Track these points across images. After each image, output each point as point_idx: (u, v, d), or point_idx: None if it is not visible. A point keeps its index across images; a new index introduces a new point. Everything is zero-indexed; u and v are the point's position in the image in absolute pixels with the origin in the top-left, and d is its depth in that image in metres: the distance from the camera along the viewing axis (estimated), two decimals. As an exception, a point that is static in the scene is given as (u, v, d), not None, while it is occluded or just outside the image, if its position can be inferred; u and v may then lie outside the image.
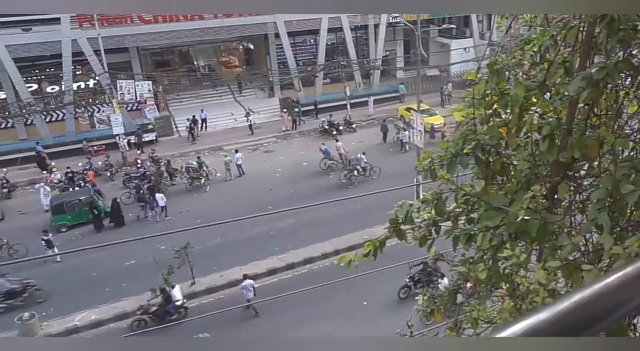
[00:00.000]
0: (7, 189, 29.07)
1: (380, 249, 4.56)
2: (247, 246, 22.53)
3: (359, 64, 41.39)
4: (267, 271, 21.27)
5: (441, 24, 43.35)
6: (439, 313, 4.99)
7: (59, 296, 20.26)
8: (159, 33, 34.37)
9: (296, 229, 23.43)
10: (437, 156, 4.15)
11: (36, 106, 33.94)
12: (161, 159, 30.57)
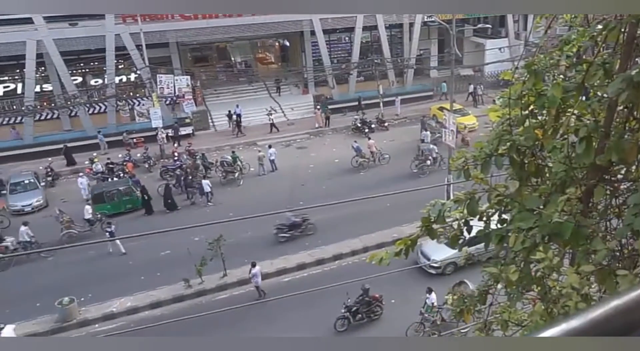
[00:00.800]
0: (52, 178, 29.79)
1: (412, 248, 4.50)
2: (277, 240, 22.63)
3: (392, 62, 41.09)
4: (297, 265, 21.31)
5: (476, 24, 42.68)
6: (469, 313, 4.91)
7: (98, 283, 20.62)
8: (198, 29, 34.71)
9: (327, 226, 23.38)
10: (471, 155, 4.07)
11: (80, 98, 34.67)
12: (197, 152, 30.87)
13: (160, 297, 19.82)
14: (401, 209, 22.72)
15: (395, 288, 18.75)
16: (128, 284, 20.39)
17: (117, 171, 29.45)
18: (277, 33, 41.63)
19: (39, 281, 20.91)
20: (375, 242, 22.24)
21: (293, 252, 22.03)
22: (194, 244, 21.27)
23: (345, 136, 34.55)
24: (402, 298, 19.03)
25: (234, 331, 17.38)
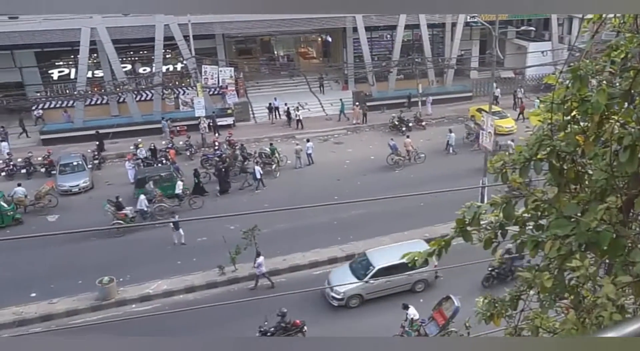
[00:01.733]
0: (99, 162, 30.49)
1: (445, 249, 4.42)
2: (310, 233, 22.59)
3: (433, 61, 40.60)
4: (328, 259, 21.28)
5: (520, 26, 41.78)
6: (499, 317, 4.81)
7: (137, 265, 21.06)
8: (244, 22, 34.90)
9: (359, 221, 23.29)
10: (510, 159, 3.97)
11: (129, 85, 35.37)
12: (237, 142, 31.12)
13: (195, 282, 20.08)
14: (434, 209, 22.51)
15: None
16: (165, 268, 20.76)
17: (160, 157, 29.95)
18: (320, 28, 41.62)
19: (84, 259, 21.44)
20: (407, 240, 21.97)
21: (325, 246, 21.97)
22: (229, 233, 21.48)
23: (382, 134, 34.31)
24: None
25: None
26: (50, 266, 21.11)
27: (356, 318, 18.34)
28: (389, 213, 23.03)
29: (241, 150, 29.94)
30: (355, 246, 22.06)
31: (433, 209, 22.82)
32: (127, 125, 34.28)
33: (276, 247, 21.51)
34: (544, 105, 3.85)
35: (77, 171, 28.13)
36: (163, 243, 22.63)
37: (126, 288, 19.87)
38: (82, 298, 19.34)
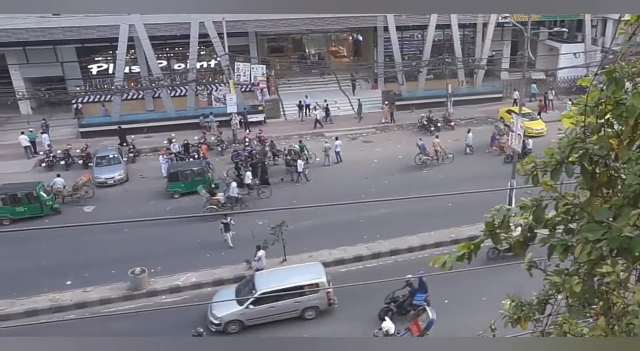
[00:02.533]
0: (134, 155, 30.97)
1: (474, 253, 4.32)
2: (337, 231, 22.53)
3: (463, 62, 40.06)
4: (354, 257, 21.21)
5: (552, 27, 40.96)
6: (526, 321, 4.71)
7: (167, 256, 21.32)
8: (277, 20, 34.98)
9: (386, 220, 23.16)
10: (541, 161, 3.87)
11: (164, 81, 35.79)
12: (267, 139, 31.23)
13: (223, 275, 20.23)
14: (462, 210, 22.26)
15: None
16: (194, 260, 20.98)
17: (192, 152, 30.26)
18: (352, 27, 41.48)
19: (117, 250, 21.79)
20: (433, 241, 21.87)
21: (351, 243, 21.91)
22: (257, 228, 21.66)
23: (410, 133, 34.01)
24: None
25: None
26: (85, 256, 21.51)
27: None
28: (415, 213, 22.84)
29: (271, 147, 30.06)
30: (381, 244, 21.96)
31: (460, 210, 22.57)
32: (161, 120, 34.73)
33: (303, 243, 21.54)
34: (576, 107, 3.75)
35: (112, 164, 28.64)
36: (193, 235, 22.84)
37: (157, 279, 20.15)
38: (114, 288, 19.69)
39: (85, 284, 19.88)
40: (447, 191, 26.15)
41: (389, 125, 35.40)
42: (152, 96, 36.67)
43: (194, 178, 26.59)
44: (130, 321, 17.88)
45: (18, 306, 18.71)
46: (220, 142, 31.69)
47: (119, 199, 26.50)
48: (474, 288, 18.55)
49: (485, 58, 40.41)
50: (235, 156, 29.80)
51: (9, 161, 30.38)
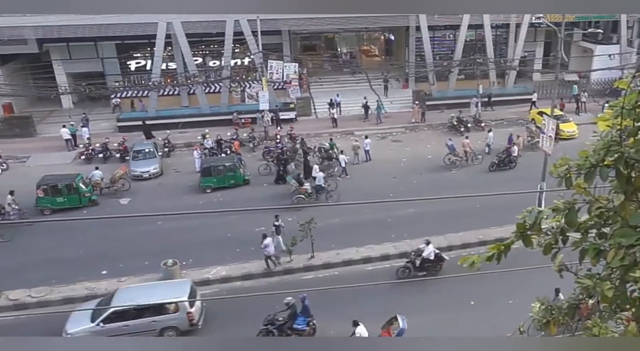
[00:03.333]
0: (168, 149, 31.33)
1: (504, 253, 4.19)
2: (364, 229, 22.37)
3: (495, 62, 39.34)
4: (380, 256, 20.98)
5: (586, 28, 39.90)
6: (555, 325, 4.62)
7: (199, 249, 21.47)
8: (310, 19, 34.86)
9: (414, 220, 22.91)
10: (574, 163, 3.77)
11: (199, 78, 36.09)
12: (298, 136, 31.21)
13: (252, 270, 20.28)
14: (490, 211, 21.92)
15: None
16: (224, 254, 21.04)
17: (224, 148, 30.46)
18: (384, 26, 41.13)
19: (151, 241, 22.04)
20: (461, 242, 21.51)
21: (378, 242, 21.75)
22: (286, 224, 21.66)
23: (440, 133, 33.57)
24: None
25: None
26: (120, 247, 21.86)
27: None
28: (444, 213, 22.56)
29: (301, 144, 30.02)
30: (408, 244, 21.68)
31: (489, 212, 22.23)
32: (195, 116, 35.04)
33: (331, 241, 21.46)
34: (612, 110, 3.61)
35: (148, 158, 29.02)
36: (224, 229, 22.97)
37: (188, 271, 20.25)
38: (147, 279, 19.79)
39: (119, 274, 20.17)
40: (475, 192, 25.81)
41: (418, 125, 35.02)
42: (188, 92, 37.04)
43: (226, 173, 26.76)
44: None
45: (56, 294, 19.09)
46: (252, 139, 31.82)
47: (153, 193, 26.86)
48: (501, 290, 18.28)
49: (517, 59, 39.59)
50: (266, 153, 29.90)
51: (50, 153, 31.11)
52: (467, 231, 22.10)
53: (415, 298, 17.87)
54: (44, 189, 24.64)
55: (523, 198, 20.18)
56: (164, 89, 36.57)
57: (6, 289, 18.91)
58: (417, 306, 17.33)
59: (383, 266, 20.74)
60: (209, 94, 36.48)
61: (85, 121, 33.15)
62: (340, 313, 17.00)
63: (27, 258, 21.08)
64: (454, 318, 16.94)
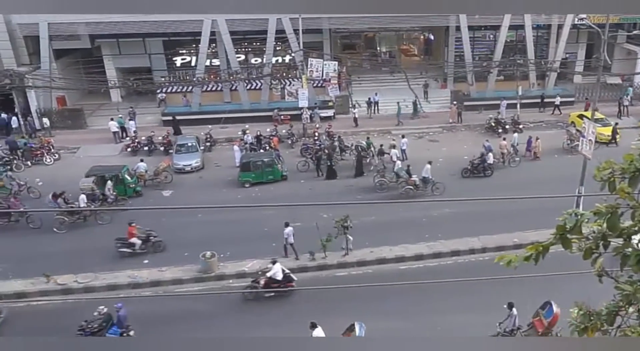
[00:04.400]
0: (210, 144, 31.58)
1: (542, 255, 3.99)
2: (399, 228, 22.06)
3: (535, 64, 38.13)
4: (414, 255, 20.63)
5: (631, 30, 38.28)
6: (593, 331, 4.38)
7: (236, 243, 21.53)
8: (351, 18, 34.50)
9: (448, 220, 22.48)
10: (619, 167, 3.55)
11: (241, 74, 36.22)
12: (335, 134, 30.99)
13: (287, 264, 20.14)
14: (526, 214, 21.27)
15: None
16: (261, 248, 21.03)
17: (263, 143, 30.51)
18: (424, 26, 40.42)
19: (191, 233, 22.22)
20: (495, 244, 20.95)
21: (412, 242, 21.39)
22: (322, 221, 21.54)
23: (477, 134, 32.78)
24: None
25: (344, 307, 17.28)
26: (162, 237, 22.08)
27: None
28: (479, 214, 22.05)
29: (339, 142, 29.82)
30: (443, 244, 21.31)
31: (525, 215, 21.56)
32: (236, 111, 35.23)
33: (365, 238, 21.20)
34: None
35: (190, 152, 29.31)
36: (261, 223, 22.99)
37: (226, 263, 20.37)
38: (186, 269, 20.07)
39: (160, 264, 20.45)
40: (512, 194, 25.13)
41: (456, 125, 34.32)
42: (230, 88, 37.22)
43: (264, 168, 26.80)
44: (199, 302, 18.31)
45: (101, 280, 19.49)
46: (291, 136, 31.78)
47: (194, 186, 27.12)
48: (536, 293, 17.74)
49: (558, 60, 38.30)
50: (304, 150, 29.81)
51: (99, 144, 31.81)
52: (502, 233, 21.52)
53: (451, 300, 17.51)
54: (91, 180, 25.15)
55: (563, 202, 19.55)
56: (208, 85, 36.84)
57: (56, 273, 19.40)
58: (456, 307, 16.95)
59: (417, 266, 20.43)
60: (250, 91, 36.59)
61: (132, 114, 33.71)
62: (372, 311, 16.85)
63: (76, 245, 21.60)
64: (488, 321, 16.49)
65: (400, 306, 17.36)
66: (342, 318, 15.80)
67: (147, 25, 33.61)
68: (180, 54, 38.42)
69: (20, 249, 21.37)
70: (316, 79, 35.91)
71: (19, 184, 25.40)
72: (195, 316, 17.52)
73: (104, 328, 16.39)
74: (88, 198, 23.60)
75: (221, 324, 17.29)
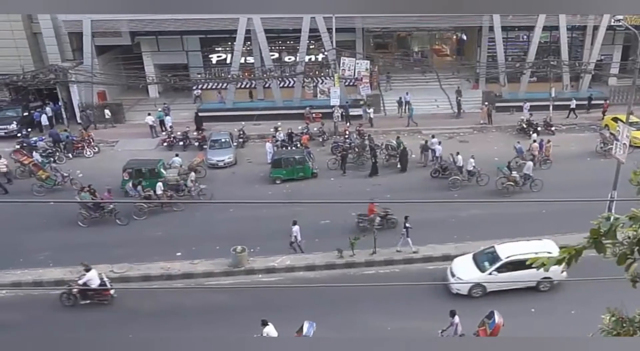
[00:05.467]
0: (243, 140, 31.73)
1: (575, 258, 3.89)
2: (427, 228, 21.61)
3: (569, 65, 37.08)
4: (442, 256, 20.30)
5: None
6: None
7: (266, 238, 21.56)
8: (384, 17, 34.10)
9: (477, 222, 22.05)
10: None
11: (274, 72, 36.26)
12: (366, 133, 30.73)
13: (315, 261, 20.17)
14: (556, 218, 20.78)
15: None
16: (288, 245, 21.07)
17: (295, 141, 30.48)
18: (457, 26, 39.73)
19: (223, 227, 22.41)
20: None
21: (440, 242, 21.07)
22: (350, 219, 21.41)
23: (509, 136, 32.07)
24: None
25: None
26: (195, 231, 22.39)
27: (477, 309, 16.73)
28: (508, 217, 21.65)
29: (369, 141, 29.56)
30: (471, 246, 20.83)
31: (555, 218, 21.08)
32: (269, 109, 35.29)
33: (393, 238, 20.99)
34: None
35: (224, 148, 29.49)
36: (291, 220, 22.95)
37: (255, 258, 20.43)
38: (217, 263, 20.18)
39: (192, 257, 20.63)
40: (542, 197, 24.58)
41: (486, 126, 33.65)
42: (263, 85, 37.31)
43: (295, 165, 26.78)
44: (228, 295, 18.42)
45: (135, 271, 19.78)
46: (322, 134, 31.67)
47: (227, 181, 27.29)
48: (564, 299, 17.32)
49: (593, 62, 37.15)
50: (334, 148, 29.68)
51: (137, 138, 32.30)
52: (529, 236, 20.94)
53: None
54: (129, 172, 25.52)
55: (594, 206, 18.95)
56: (242, 82, 37.00)
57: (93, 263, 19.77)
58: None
59: (444, 266, 20.08)
60: (283, 89, 36.60)
61: (168, 110, 34.11)
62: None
63: (113, 237, 21.98)
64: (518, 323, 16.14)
65: (429, 307, 17.15)
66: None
67: (185, 23, 33.91)
68: (216, 52, 38.66)
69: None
70: (348, 78, 35.67)
71: (63, 176, 26.02)
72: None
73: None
74: (172, 188, 24.40)
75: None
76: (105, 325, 16.74)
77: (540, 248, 17.74)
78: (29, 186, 25.77)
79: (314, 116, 34.41)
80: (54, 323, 17.00)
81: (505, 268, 17.85)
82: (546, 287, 18.08)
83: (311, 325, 15.09)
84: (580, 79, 37.78)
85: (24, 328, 16.89)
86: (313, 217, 22.70)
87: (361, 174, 27.59)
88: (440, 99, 36.07)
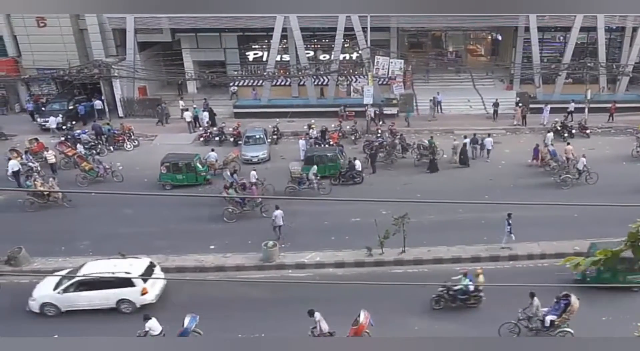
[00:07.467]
0: (277, 137, 31.77)
1: (611, 261, 3.84)
2: (457, 229, 21.34)
3: (607, 67, 35.76)
4: (471, 257, 19.88)
5: None
6: None
7: (297, 235, 21.52)
8: (419, 16, 33.51)
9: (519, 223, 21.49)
10: None
11: (309, 70, 36.14)
12: (398, 132, 30.33)
13: (344, 259, 20.04)
14: (588, 222, 20.14)
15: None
16: (320, 241, 20.97)
17: (328, 138, 30.33)
18: (492, 26, 38.79)
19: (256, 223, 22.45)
20: (555, 250, 19.81)
21: (470, 243, 20.64)
22: (381, 217, 21.17)
23: (542, 137, 31.15)
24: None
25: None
26: (228, 224, 22.50)
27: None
28: (540, 220, 21.02)
29: (401, 140, 29.20)
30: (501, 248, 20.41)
31: (587, 222, 20.42)
32: (303, 106, 35.22)
33: (422, 237, 20.66)
34: None
35: (258, 144, 29.60)
36: (322, 217, 22.90)
37: (286, 254, 20.40)
38: (249, 257, 20.27)
39: (225, 250, 20.77)
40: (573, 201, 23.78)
41: (520, 127, 32.79)
42: (298, 83, 37.24)
43: (327, 163, 26.64)
44: (258, 289, 18.45)
45: (170, 262, 20.04)
46: (354, 132, 31.44)
47: (261, 176, 27.29)
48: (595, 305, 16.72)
49: (631, 64, 35.74)
50: (366, 146, 29.41)
51: (174, 133, 32.70)
52: (563, 240, 20.38)
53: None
54: (166, 166, 25.87)
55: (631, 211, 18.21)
56: (277, 79, 37.01)
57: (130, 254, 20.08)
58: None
59: (472, 268, 19.62)
60: (317, 86, 36.46)
61: (205, 106, 34.40)
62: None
63: (148, 228, 22.30)
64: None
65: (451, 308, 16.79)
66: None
67: (224, 21, 34.09)
68: (253, 49, 38.75)
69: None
70: (382, 77, 35.28)
71: (105, 168, 26.56)
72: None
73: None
74: (294, 181, 24.79)
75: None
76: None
77: (124, 268, 17.49)
78: (72, 177, 26.40)
79: (347, 114, 34.16)
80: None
81: (83, 287, 17.22)
82: (128, 309, 17.29)
83: (194, 318, 15.20)
84: (618, 82, 36.42)
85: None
86: (344, 215, 22.58)
87: (392, 173, 27.25)
88: (474, 100, 35.30)
